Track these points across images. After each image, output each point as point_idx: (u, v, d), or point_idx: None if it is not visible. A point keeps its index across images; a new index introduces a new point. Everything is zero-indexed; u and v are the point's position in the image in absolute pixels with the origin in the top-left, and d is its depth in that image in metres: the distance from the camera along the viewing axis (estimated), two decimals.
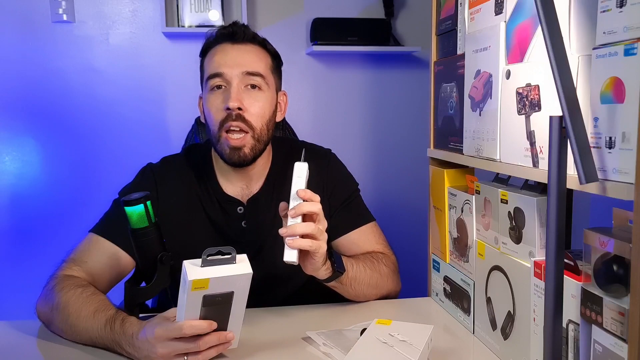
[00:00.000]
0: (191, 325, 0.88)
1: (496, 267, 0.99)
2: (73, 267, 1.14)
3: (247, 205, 1.25)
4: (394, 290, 1.28)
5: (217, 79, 1.17)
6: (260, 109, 1.18)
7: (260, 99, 1.18)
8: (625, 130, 0.65)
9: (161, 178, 1.26)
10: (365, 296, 1.23)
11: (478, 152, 1.02)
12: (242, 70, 1.17)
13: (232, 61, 1.17)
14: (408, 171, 2.57)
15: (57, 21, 2.33)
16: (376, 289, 1.23)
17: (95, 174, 2.41)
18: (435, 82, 1.25)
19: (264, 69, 1.20)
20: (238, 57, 1.18)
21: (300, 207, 0.98)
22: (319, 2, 2.49)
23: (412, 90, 2.58)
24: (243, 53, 1.19)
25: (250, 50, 1.20)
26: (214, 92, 1.18)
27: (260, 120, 1.18)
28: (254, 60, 1.19)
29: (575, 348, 0.77)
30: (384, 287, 1.25)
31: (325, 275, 1.10)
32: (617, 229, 0.70)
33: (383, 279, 1.23)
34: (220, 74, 1.17)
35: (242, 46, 1.20)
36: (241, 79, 1.17)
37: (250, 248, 1.18)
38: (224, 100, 1.15)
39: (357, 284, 1.18)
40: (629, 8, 0.64)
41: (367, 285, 1.21)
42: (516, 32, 0.90)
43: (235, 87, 1.16)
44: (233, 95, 1.14)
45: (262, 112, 1.18)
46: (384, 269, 1.24)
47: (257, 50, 1.21)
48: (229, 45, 1.20)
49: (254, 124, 1.17)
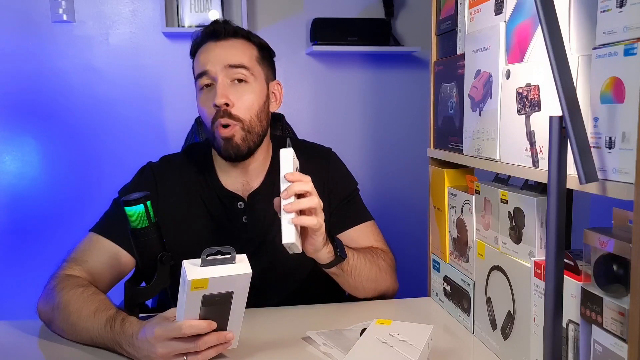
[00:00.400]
0: (191, 325, 0.88)
1: (496, 267, 0.99)
2: (74, 267, 1.14)
3: (247, 200, 1.25)
4: (392, 288, 1.28)
5: (203, 77, 1.19)
6: (247, 101, 1.19)
7: (247, 92, 1.19)
8: (625, 130, 0.65)
9: (161, 176, 1.26)
10: (365, 289, 1.23)
11: (478, 152, 1.02)
12: (224, 64, 1.18)
13: (214, 58, 1.19)
14: (408, 171, 2.57)
15: (57, 21, 2.33)
16: (375, 283, 1.23)
17: (95, 174, 2.41)
18: (435, 82, 1.25)
19: (248, 60, 1.21)
20: (220, 53, 1.19)
21: (291, 188, 0.98)
22: (319, 2, 2.49)
23: (412, 90, 2.58)
24: (225, 49, 1.20)
25: (232, 44, 1.21)
26: (203, 91, 1.20)
27: (248, 113, 1.19)
28: (236, 53, 1.20)
29: (575, 348, 0.77)
30: (382, 283, 1.25)
31: (327, 258, 1.10)
32: (617, 229, 0.70)
33: (382, 274, 1.24)
34: (205, 72, 1.18)
35: (224, 42, 1.21)
36: (225, 73, 1.18)
37: (250, 243, 1.18)
38: (212, 97, 1.17)
39: (357, 275, 1.18)
40: (629, 8, 0.64)
41: (367, 278, 1.20)
42: (516, 32, 0.90)
43: (221, 83, 1.17)
44: (218, 91, 1.16)
45: (250, 104, 1.19)
46: (383, 264, 1.25)
47: (240, 44, 1.22)
48: (212, 44, 1.21)
49: (242, 117, 1.18)
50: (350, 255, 1.15)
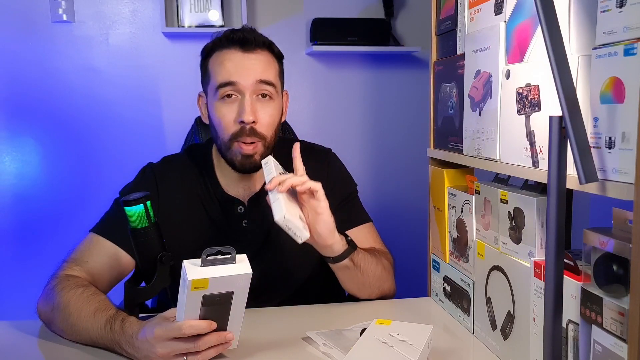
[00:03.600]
0: (190, 325, 0.88)
1: (496, 267, 0.99)
2: (74, 267, 1.14)
3: (247, 204, 1.25)
4: (392, 289, 1.28)
5: (228, 87, 1.15)
6: (271, 118, 1.18)
7: (271, 109, 1.18)
8: (625, 130, 0.65)
9: (162, 177, 1.26)
10: (371, 287, 1.22)
11: (478, 152, 1.02)
12: (255, 79, 1.15)
13: (245, 71, 1.15)
14: (408, 171, 2.57)
15: (57, 21, 2.33)
16: (380, 281, 1.22)
17: (95, 174, 2.41)
18: (435, 82, 1.25)
19: (274, 76, 1.19)
20: (251, 66, 1.16)
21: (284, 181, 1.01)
22: (319, 2, 2.49)
23: (412, 90, 2.58)
24: (255, 62, 1.17)
25: (262, 58, 1.18)
26: (225, 101, 1.16)
27: (271, 129, 1.18)
28: (266, 68, 1.17)
29: (575, 348, 0.77)
30: (385, 282, 1.24)
31: (342, 246, 1.10)
32: (617, 229, 0.70)
33: (385, 272, 1.24)
34: (232, 82, 1.14)
35: (254, 55, 1.17)
36: (254, 88, 1.15)
37: (250, 247, 1.18)
38: (238, 112, 1.14)
39: (366, 270, 1.18)
40: (628, 8, 0.64)
41: (374, 275, 1.20)
42: (516, 32, 0.90)
43: (249, 99, 1.14)
44: (247, 108, 1.13)
45: (273, 120, 1.18)
46: (387, 263, 1.25)
47: (267, 57, 1.19)
48: (239, 53, 1.16)
49: (265, 134, 1.17)
50: (358, 248, 1.15)
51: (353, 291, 1.23)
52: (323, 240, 1.08)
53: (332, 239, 1.09)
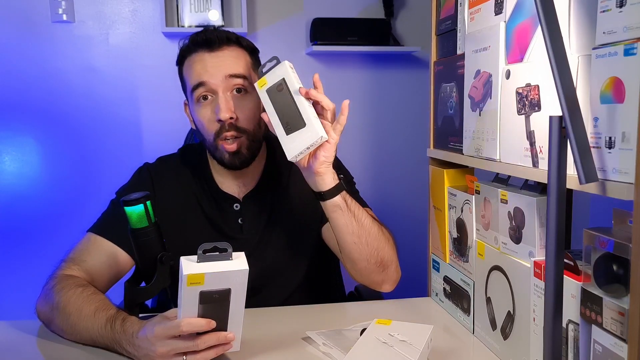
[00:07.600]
0: (189, 322, 0.87)
1: (496, 267, 0.99)
2: (72, 267, 1.14)
3: (243, 202, 1.25)
4: (394, 262, 1.18)
5: (201, 88, 1.16)
6: (250, 111, 1.18)
7: (248, 102, 1.18)
8: (625, 130, 0.65)
9: (158, 177, 1.27)
10: (368, 246, 1.12)
11: (478, 152, 1.02)
12: (224, 75, 1.15)
13: (212, 69, 1.16)
14: (408, 171, 2.57)
15: (57, 21, 2.34)
16: (377, 241, 1.13)
17: (95, 174, 2.41)
18: (435, 82, 1.25)
19: (245, 68, 1.19)
20: (218, 63, 1.16)
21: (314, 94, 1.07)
22: (319, 2, 2.49)
23: (412, 90, 2.58)
24: (222, 58, 1.17)
25: (229, 54, 1.18)
26: (202, 103, 1.17)
27: (252, 122, 1.18)
28: (234, 62, 1.18)
29: (575, 348, 0.77)
30: (384, 247, 1.15)
31: (332, 180, 1.07)
32: (617, 229, 0.70)
33: (384, 237, 1.15)
34: (203, 83, 1.15)
35: (220, 52, 1.18)
36: (225, 84, 1.16)
37: (247, 244, 1.18)
38: (214, 111, 1.15)
39: (360, 220, 1.11)
40: (628, 8, 0.64)
41: (369, 231, 1.12)
42: (516, 32, 0.90)
43: (222, 96, 1.15)
44: (222, 106, 1.14)
45: (253, 114, 1.18)
46: (387, 233, 1.18)
47: (235, 52, 1.19)
48: (206, 54, 1.17)
49: (247, 127, 1.17)
50: (350, 198, 1.11)
51: (350, 248, 1.13)
52: (317, 166, 1.05)
53: (325, 169, 1.06)
